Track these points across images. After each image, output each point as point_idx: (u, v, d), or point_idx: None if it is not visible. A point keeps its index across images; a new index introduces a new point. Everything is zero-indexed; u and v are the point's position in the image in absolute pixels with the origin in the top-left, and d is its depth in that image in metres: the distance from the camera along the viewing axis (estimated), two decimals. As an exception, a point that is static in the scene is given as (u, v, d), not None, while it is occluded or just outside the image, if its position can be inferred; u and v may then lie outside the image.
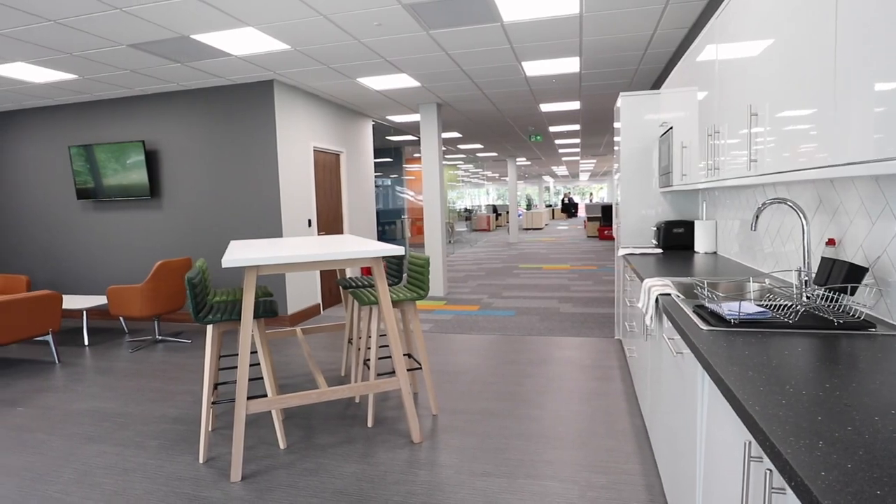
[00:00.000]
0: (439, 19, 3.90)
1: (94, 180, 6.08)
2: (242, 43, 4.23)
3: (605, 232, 16.26)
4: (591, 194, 44.26)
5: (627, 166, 4.27)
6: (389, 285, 3.56)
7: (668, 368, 1.99)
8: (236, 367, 3.83)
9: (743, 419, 0.97)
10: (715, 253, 3.51)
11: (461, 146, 12.61)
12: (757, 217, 1.93)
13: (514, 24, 4.07)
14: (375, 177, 9.14)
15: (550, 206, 36.20)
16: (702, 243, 3.56)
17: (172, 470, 2.65)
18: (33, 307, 4.37)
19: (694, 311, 1.74)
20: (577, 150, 14.75)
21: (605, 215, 17.09)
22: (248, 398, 2.55)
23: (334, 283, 6.78)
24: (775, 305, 1.74)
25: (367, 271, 7.49)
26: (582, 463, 2.58)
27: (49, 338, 4.58)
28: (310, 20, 3.79)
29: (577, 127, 10.09)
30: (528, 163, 19.02)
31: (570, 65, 5.32)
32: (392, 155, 13.73)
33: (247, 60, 4.74)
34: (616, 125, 4.73)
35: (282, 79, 5.50)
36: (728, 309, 1.63)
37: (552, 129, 10.17)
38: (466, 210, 26.12)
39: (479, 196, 35.49)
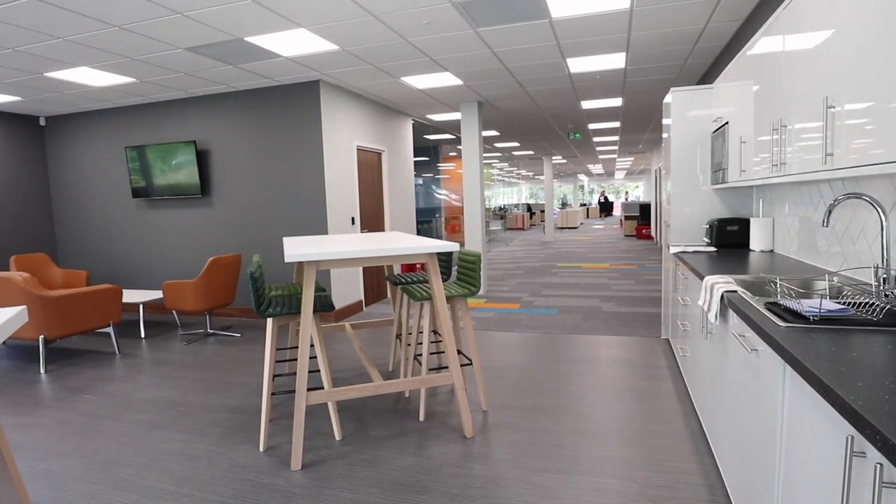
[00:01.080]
0: (488, 17, 3.91)
1: (148, 179, 6.32)
2: (293, 44, 4.34)
3: (643, 231, 15.98)
4: (627, 193, 43.49)
5: (677, 163, 4.20)
6: (438, 282, 3.59)
7: (736, 367, 1.96)
8: (289, 360, 3.94)
9: (845, 414, 0.96)
10: (772, 251, 3.42)
11: (497, 144, 12.59)
12: (829, 212, 1.87)
13: (562, 21, 4.05)
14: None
15: (585, 204, 35.72)
16: (758, 241, 3.47)
17: (235, 457, 2.75)
18: (96, 300, 4.57)
19: (767, 308, 1.70)
20: (615, 147, 14.53)
21: (642, 214, 16.78)
22: (308, 390, 2.61)
23: (376, 280, 6.87)
24: (855, 303, 1.69)
25: (407, 268, 7.56)
26: (639, 461, 2.56)
27: (110, 329, 4.79)
28: (360, 20, 3.86)
29: (616, 124, 9.94)
30: (564, 161, 18.83)
31: (615, 61, 5.25)
32: (428, 154, 13.81)
33: (295, 61, 4.85)
34: (665, 121, 4.65)
35: (327, 79, 5.61)
36: (808, 306, 1.59)
37: (591, 126, 10.05)
38: (501, 208, 26.02)
39: (512, 195, 35.32)
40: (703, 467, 2.49)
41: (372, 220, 6.82)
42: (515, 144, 12.88)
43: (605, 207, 30.46)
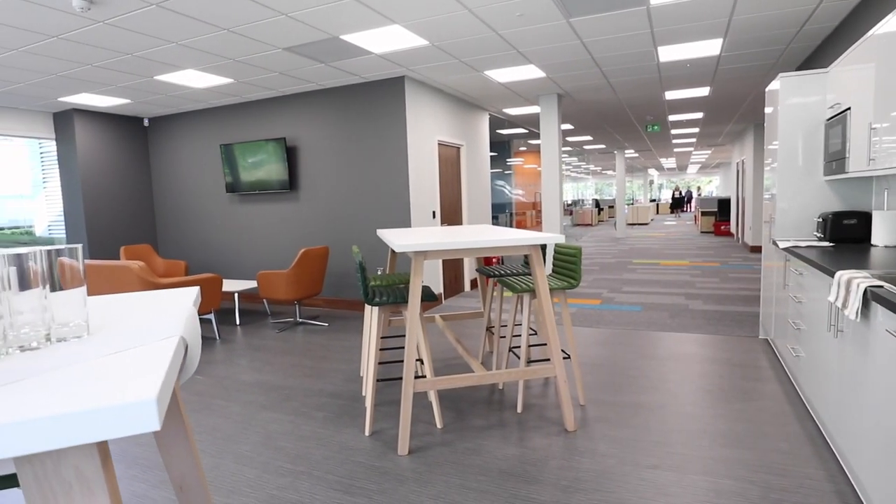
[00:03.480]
0: (583, 6, 3.83)
1: (240, 175, 6.67)
2: (385, 41, 4.43)
3: (722, 227, 15.21)
4: (699, 188, 41.52)
5: (784, 154, 3.96)
6: (528, 275, 3.57)
7: (882, 366, 1.83)
8: (381, 349, 4.04)
9: None
10: (898, 246, 3.16)
11: (570, 138, 12.36)
12: None
13: (660, 7, 3.91)
14: (487, 170, 9.20)
15: (654, 200, 34.43)
16: (882, 235, 3.22)
17: (342, 440, 2.86)
18: (201, 288, 4.88)
19: (930, 304, 1.58)
20: (693, 140, 13.91)
21: (721, 210, 15.98)
22: (414, 378, 2.67)
23: (454, 274, 6.93)
24: None
25: (487, 261, 7.57)
26: (755, 463, 2.45)
27: (211, 316, 5.10)
28: (454, 14, 3.89)
29: (699, 115, 9.51)
30: (636, 155, 18.23)
31: (710, 48, 5.02)
32: (498, 149, 13.75)
33: (384, 58, 4.96)
34: (768, 110, 4.39)
35: (412, 74, 5.70)
36: None
37: (671, 118, 9.67)
38: (570, 204, 25.54)
39: (578, 190, 34.58)
40: (827, 473, 2.34)
41: (450, 213, 6.88)
42: (588, 138, 12.59)
43: (682, 203, 28.69)
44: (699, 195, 30.04)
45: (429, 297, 2.85)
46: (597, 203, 24.57)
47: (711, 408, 3.10)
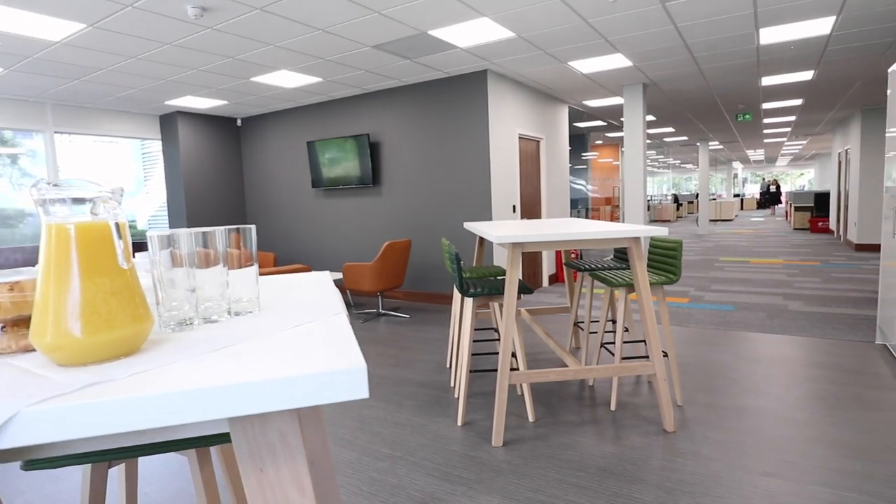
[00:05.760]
0: (681, -11, 3.66)
1: (326, 171, 6.92)
2: (472, 34, 4.44)
3: (819, 224, 14.08)
4: (777, 181, 38.61)
5: (910, 139, 3.59)
6: (621, 269, 3.46)
7: None
8: (466, 341, 4.06)
9: None
10: None
11: (650, 130, 11.87)
12: None
13: (767, -15, 3.66)
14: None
15: (739, 195, 32.43)
16: None
17: (435, 428, 2.90)
18: (292, 278, 5.12)
19: None
20: (787, 129, 12.95)
21: (818, 205, 14.81)
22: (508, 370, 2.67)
23: (531, 270, 6.86)
24: None
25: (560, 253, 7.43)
26: (889, 478, 2.24)
27: (301, 305, 5.33)
28: (545, 3, 3.83)
29: (797, 102, 8.83)
30: (721, 147, 17.23)
31: (819, 27, 4.64)
32: (573, 143, 13.44)
33: (469, 52, 4.97)
34: (890, 92, 4.01)
35: (495, 68, 5.68)
36: None
37: (765, 105, 9.04)
38: (648, 198, 24.54)
39: (656, 185, 33.18)
40: (975, 494, 2.11)
41: (530, 207, 6.81)
42: (670, 130, 12.04)
43: (775, 198, 26.07)
44: (777, 189, 27.41)
45: (524, 290, 2.83)
46: (675, 198, 23.50)
47: (827, 415, 2.87)
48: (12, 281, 0.71)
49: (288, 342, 0.70)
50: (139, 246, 5.52)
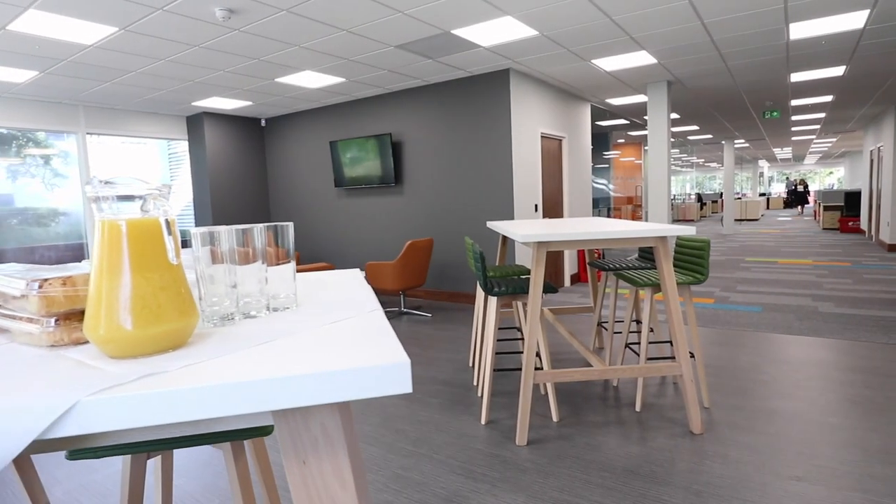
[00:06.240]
0: (709, -16, 3.60)
1: (348, 170, 6.98)
2: (495, 33, 4.43)
3: (849, 223, 13.72)
4: (813, 180, 37.71)
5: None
6: (646, 269, 3.42)
7: None
8: (487, 340, 4.06)
9: None
10: None
11: (674, 129, 11.70)
12: None
13: (799, -21, 3.58)
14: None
15: (765, 194, 31.77)
16: None
17: (459, 426, 2.91)
18: (316, 277, 5.18)
19: None
20: (816, 126, 12.64)
21: (848, 204, 14.42)
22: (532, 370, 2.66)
23: (552, 270, 6.82)
24: None
25: (582, 253, 7.37)
26: (924, 484, 2.18)
27: (324, 304, 5.39)
28: (569, 1, 3.80)
29: (827, 98, 8.62)
30: (746, 145, 16.90)
31: (852, 21, 4.52)
32: (595, 141, 13.32)
33: (492, 51, 4.96)
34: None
35: (517, 67, 5.66)
36: None
37: (794, 102, 8.84)
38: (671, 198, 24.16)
39: (679, 184, 32.69)
40: None
41: (552, 207, 6.77)
42: (694, 128, 11.85)
43: (803, 197, 24.85)
44: (805, 189, 26.32)
45: (549, 289, 2.82)
46: (699, 197, 23.12)
47: (862, 420, 2.80)
48: (65, 276, 0.74)
49: (329, 337, 0.71)
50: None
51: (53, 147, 6.58)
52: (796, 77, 6.76)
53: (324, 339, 0.70)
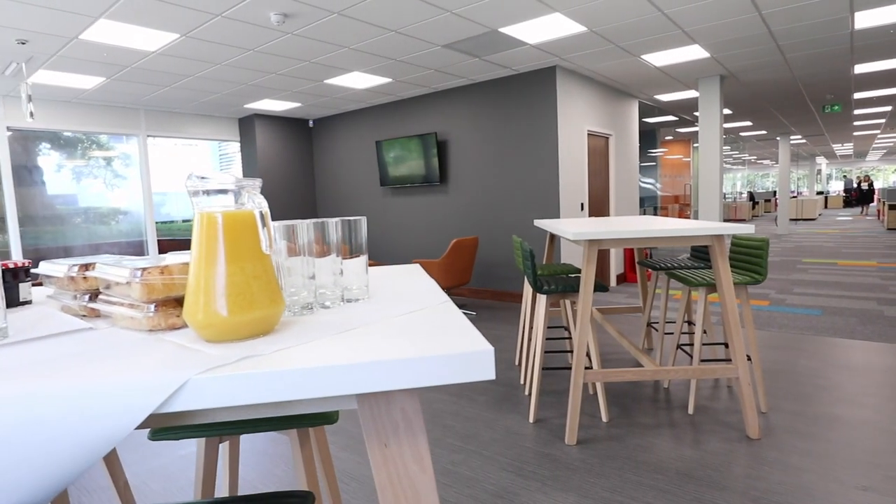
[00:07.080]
0: (768, -26, 3.47)
1: (394, 169, 7.07)
2: (542, 30, 4.40)
3: (918, 223, 12.92)
4: (877, 178, 35.60)
5: None
6: (699, 268, 3.33)
7: None
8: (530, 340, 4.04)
9: None
10: None
11: (726, 125, 11.30)
12: None
13: (867, -34, 3.40)
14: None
15: (822, 192, 30.28)
16: None
17: (507, 424, 2.91)
18: (362, 274, 5.27)
19: None
20: (881, 120, 11.97)
21: (917, 202, 13.58)
22: (584, 369, 2.64)
23: (598, 268, 6.71)
24: None
25: (629, 252, 7.24)
26: None
27: (370, 300, 5.49)
28: (619, -3, 3.74)
29: (894, 91, 8.15)
30: (803, 141, 16.14)
31: (925, 8, 4.26)
32: (642, 139, 13.02)
33: (538, 48, 4.93)
34: None
35: (564, 64, 5.60)
36: None
37: (857, 95, 8.40)
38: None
39: (728, 182, 31.56)
40: None
41: (598, 205, 6.67)
42: (747, 124, 11.42)
43: (865, 197, 22.89)
44: (867, 186, 24.59)
45: (599, 288, 2.79)
46: (751, 196, 22.25)
47: (934, 429, 2.65)
48: (162, 265, 0.79)
49: (407, 326, 0.74)
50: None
51: (114, 149, 6.94)
52: (860, 69, 6.42)
53: (405, 328, 0.73)
